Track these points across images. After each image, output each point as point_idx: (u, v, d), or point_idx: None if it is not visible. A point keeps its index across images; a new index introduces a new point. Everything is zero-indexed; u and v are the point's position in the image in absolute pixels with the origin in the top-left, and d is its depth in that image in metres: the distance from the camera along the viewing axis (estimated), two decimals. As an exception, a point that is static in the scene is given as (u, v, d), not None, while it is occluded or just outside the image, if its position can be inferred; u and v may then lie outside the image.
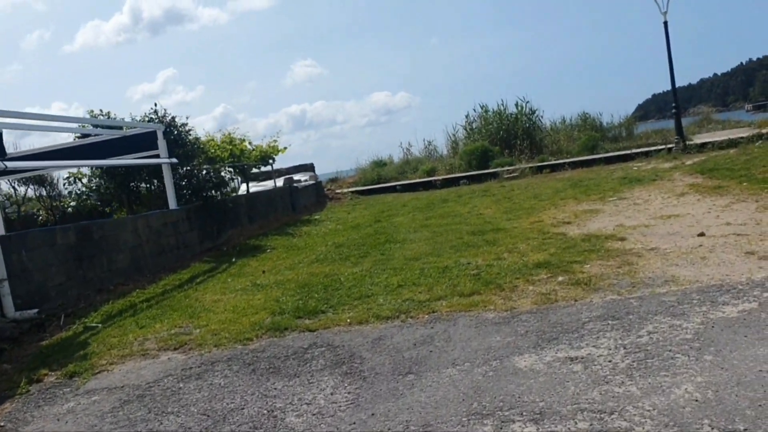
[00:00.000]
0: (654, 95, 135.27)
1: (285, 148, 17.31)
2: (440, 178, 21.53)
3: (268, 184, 19.42)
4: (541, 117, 26.24)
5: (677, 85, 19.17)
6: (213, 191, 12.21)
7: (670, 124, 34.05)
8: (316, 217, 16.45)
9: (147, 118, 11.99)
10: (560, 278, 5.97)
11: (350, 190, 21.64)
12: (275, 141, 17.48)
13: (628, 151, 19.90)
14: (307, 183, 19.14)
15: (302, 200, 17.98)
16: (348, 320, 5.55)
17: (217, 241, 12.44)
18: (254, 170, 21.44)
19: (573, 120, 28.43)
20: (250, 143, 16.86)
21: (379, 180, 23.92)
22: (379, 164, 30.00)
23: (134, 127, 11.50)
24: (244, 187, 19.24)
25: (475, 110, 27.39)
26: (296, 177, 19.86)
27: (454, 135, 27.49)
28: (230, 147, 15.09)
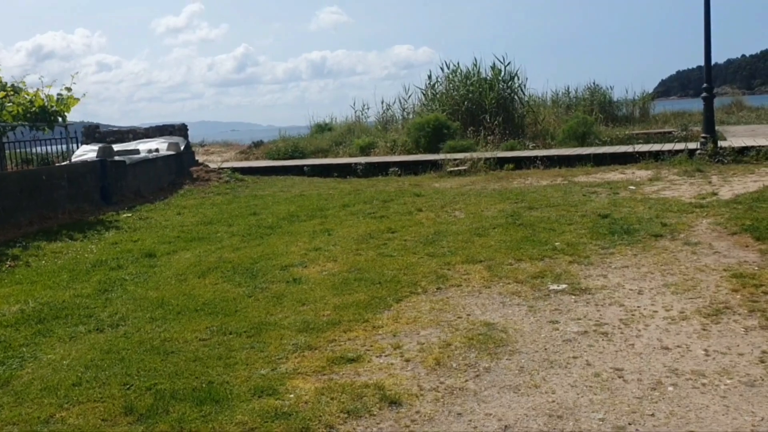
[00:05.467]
0: (678, 72, 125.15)
1: (77, 99, 10.89)
2: (364, 161, 15.30)
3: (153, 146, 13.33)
4: (524, 86, 19.64)
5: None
6: None
7: (692, 105, 27.10)
8: (126, 215, 10.40)
9: None
10: None
11: (235, 166, 15.45)
12: (68, 90, 11.04)
13: (630, 149, 13.58)
14: (153, 155, 12.95)
15: (132, 183, 11.85)
16: None
17: None
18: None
19: (579, 92, 22.16)
20: (23, 87, 10.60)
21: (294, 153, 17.70)
22: (324, 128, 23.97)
23: None
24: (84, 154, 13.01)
25: (443, 69, 20.71)
26: (148, 145, 13.62)
27: (406, 100, 20.96)
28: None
